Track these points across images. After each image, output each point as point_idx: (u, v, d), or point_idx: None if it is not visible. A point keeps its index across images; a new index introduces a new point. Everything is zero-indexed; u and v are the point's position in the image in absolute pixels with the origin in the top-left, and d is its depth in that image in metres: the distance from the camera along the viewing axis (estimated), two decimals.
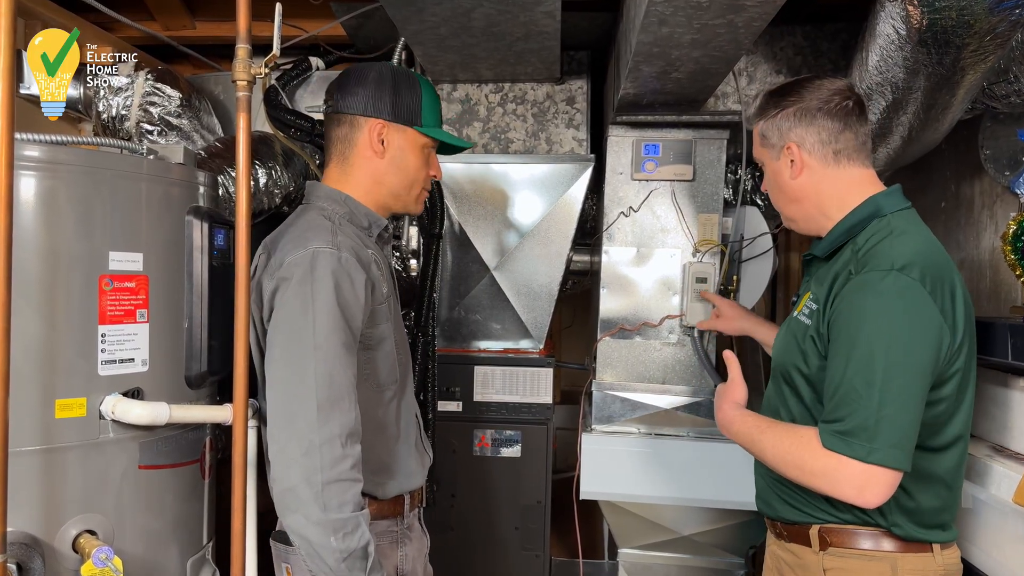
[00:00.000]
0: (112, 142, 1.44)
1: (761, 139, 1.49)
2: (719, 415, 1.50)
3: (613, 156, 2.38)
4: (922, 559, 1.32)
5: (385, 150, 1.47)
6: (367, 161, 1.48)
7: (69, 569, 1.24)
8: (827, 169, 1.42)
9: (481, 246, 2.51)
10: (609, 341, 2.39)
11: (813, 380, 1.35)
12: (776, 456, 1.33)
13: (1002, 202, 2.23)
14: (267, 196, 2.32)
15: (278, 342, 1.31)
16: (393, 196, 1.52)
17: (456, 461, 2.51)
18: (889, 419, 1.20)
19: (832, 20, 2.29)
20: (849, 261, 1.34)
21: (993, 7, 1.32)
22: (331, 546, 1.24)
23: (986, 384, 1.71)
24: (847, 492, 1.22)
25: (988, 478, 1.57)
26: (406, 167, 1.50)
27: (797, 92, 1.43)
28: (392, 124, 1.47)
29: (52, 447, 1.24)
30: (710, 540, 2.44)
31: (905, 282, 1.24)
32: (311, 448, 1.24)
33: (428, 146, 1.52)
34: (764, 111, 1.47)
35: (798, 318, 1.42)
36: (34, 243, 1.22)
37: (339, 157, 1.50)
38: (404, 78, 1.50)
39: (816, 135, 1.40)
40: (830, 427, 1.24)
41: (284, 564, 1.44)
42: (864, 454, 1.20)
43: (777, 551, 1.48)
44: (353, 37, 2.66)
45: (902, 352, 1.22)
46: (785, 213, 1.52)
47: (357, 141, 1.48)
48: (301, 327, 1.28)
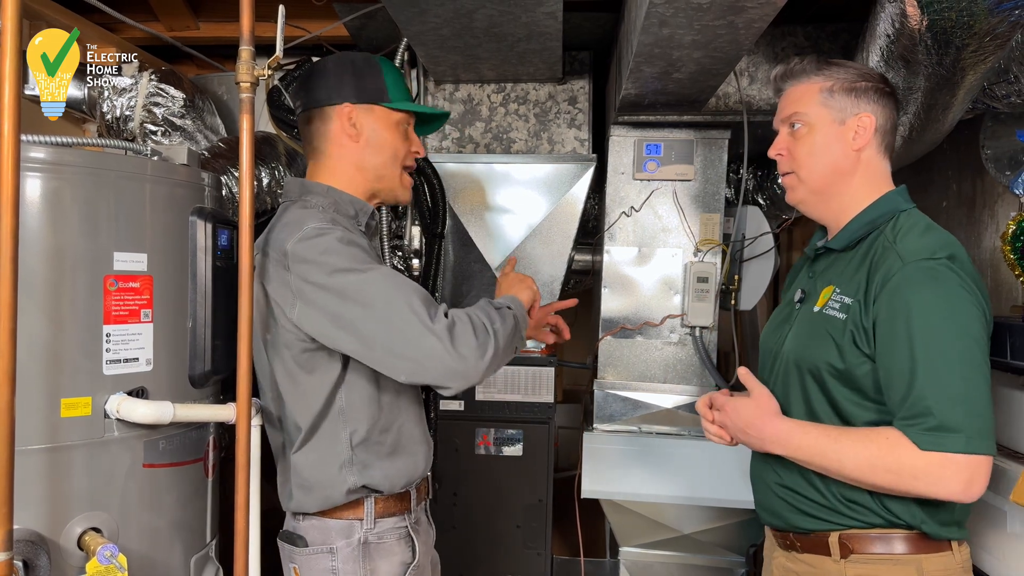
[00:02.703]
0: (117, 143, 1.45)
1: (823, 96, 1.38)
2: (766, 431, 1.35)
3: (615, 156, 2.39)
4: (944, 558, 1.29)
5: (359, 132, 1.47)
6: (343, 148, 1.47)
7: (74, 566, 1.25)
8: (877, 154, 1.40)
9: (483, 245, 2.52)
10: (611, 340, 2.40)
11: (849, 376, 1.30)
12: (862, 463, 1.23)
13: (1003, 201, 2.23)
14: (270, 196, 2.34)
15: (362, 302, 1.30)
16: (377, 178, 1.50)
17: (458, 460, 2.52)
18: (975, 407, 1.19)
19: (833, 20, 2.29)
20: (885, 253, 1.30)
21: (993, 8, 1.32)
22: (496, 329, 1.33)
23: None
24: (953, 489, 1.18)
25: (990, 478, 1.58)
26: (383, 145, 1.48)
27: (869, 72, 1.40)
28: (360, 105, 1.47)
29: (58, 446, 1.26)
30: (711, 539, 2.45)
31: (958, 272, 1.24)
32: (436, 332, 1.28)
33: (403, 122, 1.51)
34: (830, 72, 1.39)
35: (825, 313, 1.35)
36: (40, 244, 1.23)
37: (315, 153, 1.50)
38: (361, 60, 1.50)
39: (886, 120, 1.38)
40: (919, 425, 1.19)
41: (292, 564, 1.44)
42: (965, 447, 1.17)
43: (787, 563, 1.42)
44: (356, 38, 2.67)
45: (972, 340, 1.21)
46: (813, 182, 1.41)
47: (330, 131, 1.47)
48: (340, 264, 1.31)
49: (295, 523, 1.44)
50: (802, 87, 1.41)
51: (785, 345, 1.44)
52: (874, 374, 1.28)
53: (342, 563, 1.38)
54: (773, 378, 1.47)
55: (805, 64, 1.41)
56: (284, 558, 1.47)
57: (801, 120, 1.41)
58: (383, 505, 1.44)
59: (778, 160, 1.47)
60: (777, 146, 1.46)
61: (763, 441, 1.36)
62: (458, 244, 2.57)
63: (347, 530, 1.40)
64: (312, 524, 1.42)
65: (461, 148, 2.60)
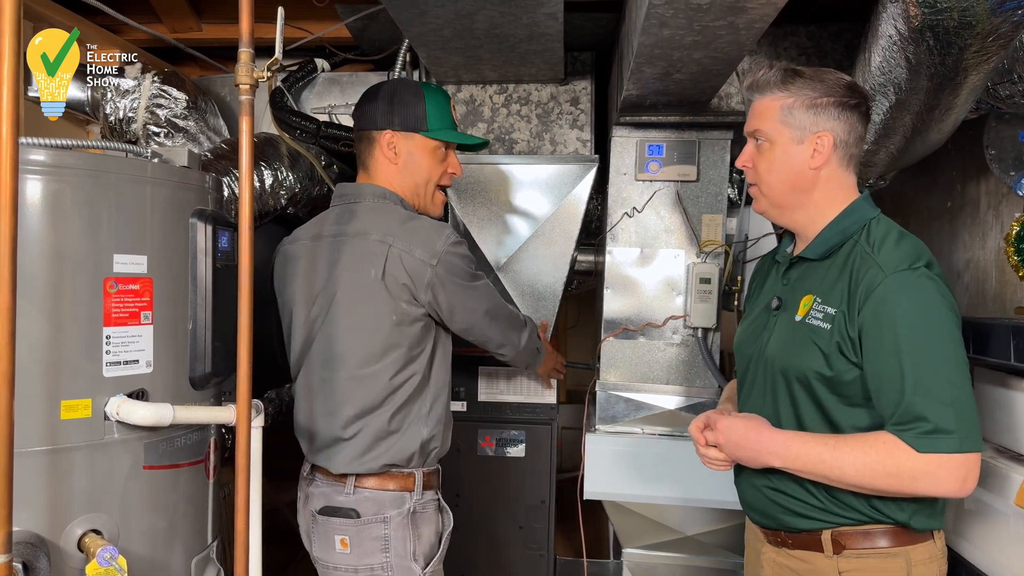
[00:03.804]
0: (117, 146, 1.45)
1: (783, 115, 1.39)
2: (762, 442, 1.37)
3: (617, 157, 2.39)
4: (927, 548, 1.35)
5: (398, 156, 1.72)
6: (384, 168, 1.73)
7: (74, 568, 1.25)
8: (839, 168, 1.41)
9: (486, 246, 2.52)
10: (613, 341, 2.39)
11: (837, 382, 1.33)
12: (862, 469, 1.26)
13: (1008, 202, 2.22)
14: (272, 197, 2.34)
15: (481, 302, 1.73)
16: (413, 196, 1.75)
17: (461, 461, 2.52)
18: (963, 409, 1.23)
19: (836, 20, 2.28)
20: (864, 263, 1.32)
21: (995, 8, 1.31)
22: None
23: (989, 385, 1.71)
24: (950, 487, 1.24)
25: (991, 480, 1.57)
26: (417, 169, 1.74)
27: (834, 85, 1.38)
28: (400, 133, 1.71)
29: (58, 448, 1.26)
30: (714, 540, 2.44)
31: (934, 279, 1.28)
32: (512, 320, 1.86)
33: (440, 147, 1.76)
34: (793, 88, 1.39)
35: (808, 323, 1.37)
36: (40, 246, 1.23)
37: (364, 166, 1.76)
38: (408, 90, 1.74)
39: (847, 134, 1.39)
40: (915, 429, 1.23)
41: (339, 536, 1.62)
42: (959, 447, 1.22)
43: (779, 559, 1.45)
44: (358, 39, 2.67)
45: (954, 344, 1.27)
46: (774, 197, 1.45)
47: (375, 152, 1.73)
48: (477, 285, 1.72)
49: (344, 497, 1.63)
50: (765, 101, 1.42)
51: (767, 353, 1.46)
52: (862, 380, 1.32)
53: (394, 530, 1.61)
54: (755, 385, 1.49)
55: (771, 76, 1.41)
56: (327, 531, 1.64)
57: (762, 136, 1.43)
58: (426, 479, 1.68)
59: (745, 171, 1.49)
60: (743, 157, 1.49)
61: (759, 453, 1.37)
62: None
63: (399, 501, 1.64)
64: (365, 496, 1.63)
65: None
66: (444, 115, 1.75)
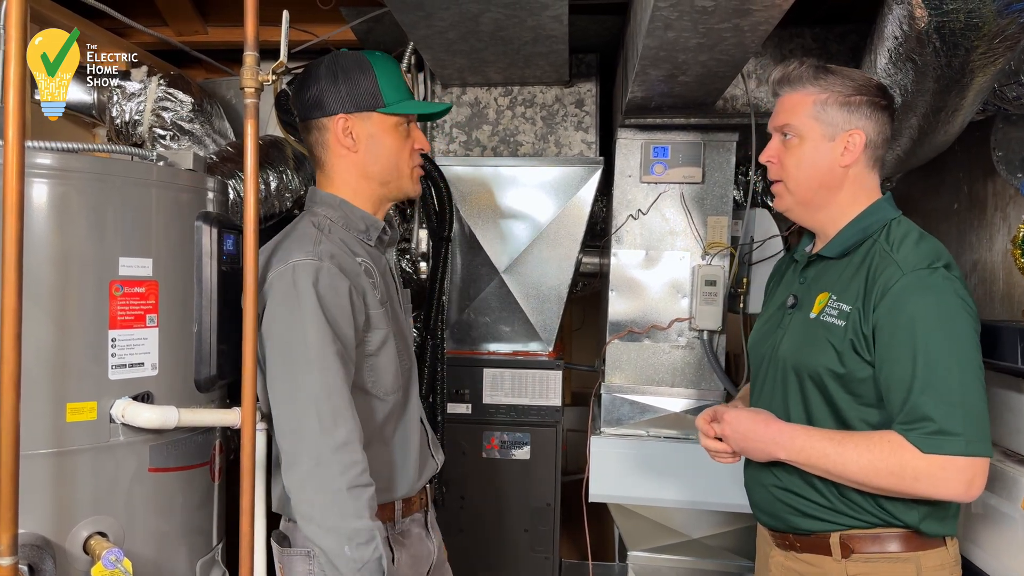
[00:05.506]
0: (123, 149, 1.46)
1: (816, 110, 1.37)
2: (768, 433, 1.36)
3: (622, 159, 2.38)
4: (939, 554, 1.32)
5: (356, 143, 1.44)
6: (343, 159, 1.46)
7: (80, 571, 1.25)
8: (866, 169, 1.40)
9: (490, 249, 2.52)
10: (618, 344, 2.39)
11: (849, 380, 1.32)
12: (865, 466, 1.25)
13: (1015, 204, 2.21)
14: (278, 200, 2.34)
15: (274, 359, 1.32)
16: (383, 184, 1.49)
17: (465, 463, 2.52)
18: (973, 412, 1.22)
19: (841, 22, 2.28)
20: (883, 262, 1.31)
21: (1002, 9, 1.30)
22: (345, 555, 1.24)
23: (997, 388, 1.70)
24: (955, 490, 1.22)
25: (999, 483, 1.56)
26: (384, 152, 1.46)
27: (866, 84, 1.38)
28: (354, 115, 1.43)
29: (63, 450, 1.26)
30: (720, 543, 2.43)
31: (953, 281, 1.27)
32: (321, 459, 1.26)
33: (401, 123, 1.47)
34: (827, 83, 1.37)
35: (822, 320, 1.36)
36: (46, 249, 1.24)
37: (319, 162, 1.49)
38: (352, 63, 1.44)
39: (876, 135, 1.38)
40: (920, 429, 1.22)
41: (279, 563, 1.43)
42: (965, 450, 1.20)
43: (787, 563, 1.43)
44: (363, 41, 2.67)
45: (969, 346, 1.25)
46: (800, 194, 1.42)
47: (327, 143, 1.45)
48: (293, 342, 1.30)
49: (286, 523, 1.45)
50: (797, 96, 1.41)
51: (780, 350, 1.45)
52: (874, 379, 1.30)
53: (319, 567, 1.33)
54: (767, 382, 1.48)
55: (803, 70, 1.40)
56: (275, 558, 1.46)
57: (792, 131, 1.41)
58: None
59: (768, 167, 1.47)
60: (768, 152, 1.47)
61: (766, 444, 1.37)
62: (465, 247, 2.57)
63: None
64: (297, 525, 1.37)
65: (468, 151, 2.60)
66: (399, 85, 1.46)
